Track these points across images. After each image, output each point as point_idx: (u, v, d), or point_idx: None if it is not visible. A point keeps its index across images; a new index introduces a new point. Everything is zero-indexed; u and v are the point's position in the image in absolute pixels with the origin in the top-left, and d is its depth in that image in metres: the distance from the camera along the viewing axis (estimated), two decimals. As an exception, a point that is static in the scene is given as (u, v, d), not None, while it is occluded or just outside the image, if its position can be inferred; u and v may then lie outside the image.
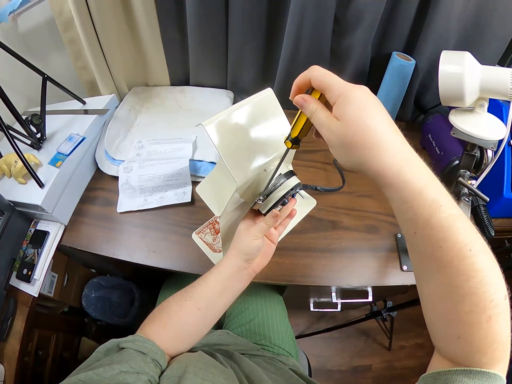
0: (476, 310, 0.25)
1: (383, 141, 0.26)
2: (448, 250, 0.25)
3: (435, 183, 0.27)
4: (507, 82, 0.49)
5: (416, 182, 0.26)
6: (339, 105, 0.27)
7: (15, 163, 0.59)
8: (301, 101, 0.30)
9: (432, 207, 0.25)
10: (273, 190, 0.41)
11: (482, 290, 0.24)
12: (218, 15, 0.71)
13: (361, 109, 0.26)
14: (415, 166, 0.27)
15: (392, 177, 0.26)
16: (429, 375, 0.28)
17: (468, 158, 0.57)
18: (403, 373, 1.21)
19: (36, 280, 0.59)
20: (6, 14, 0.62)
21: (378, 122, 0.26)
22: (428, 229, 0.26)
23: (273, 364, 0.55)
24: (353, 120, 0.26)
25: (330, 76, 0.28)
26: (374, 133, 0.26)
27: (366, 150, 0.26)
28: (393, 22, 0.71)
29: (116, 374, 0.32)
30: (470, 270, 0.25)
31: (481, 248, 0.25)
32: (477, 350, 0.25)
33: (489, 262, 0.25)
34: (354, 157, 0.27)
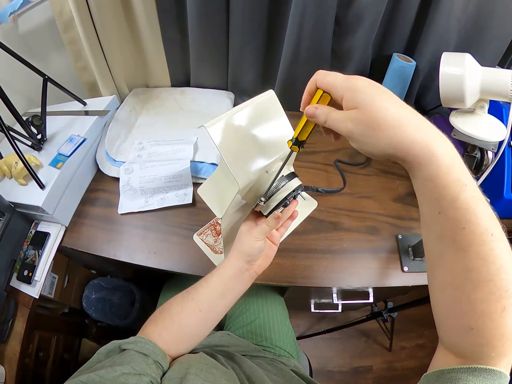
0: (491, 299, 0.24)
1: (404, 117, 0.26)
2: (470, 232, 0.24)
3: (460, 160, 0.26)
4: (507, 84, 0.49)
5: (444, 158, 0.25)
6: (348, 97, 0.27)
7: (15, 164, 0.59)
8: (313, 109, 0.30)
9: (458, 185, 0.25)
10: (275, 191, 0.41)
11: (499, 277, 0.24)
12: (219, 16, 0.71)
13: (371, 93, 0.26)
14: (440, 140, 0.26)
15: (421, 152, 0.25)
16: (432, 373, 0.28)
17: (469, 159, 0.57)
18: (403, 373, 1.21)
19: (36, 281, 0.59)
20: (7, 15, 0.62)
21: (391, 102, 0.26)
22: (453, 209, 0.25)
23: (274, 365, 0.55)
24: (368, 104, 0.26)
25: (331, 75, 0.29)
26: (392, 111, 0.26)
27: (390, 130, 0.26)
28: (394, 23, 0.71)
29: (118, 375, 0.32)
30: (490, 255, 0.24)
31: (501, 235, 0.25)
32: (486, 342, 0.25)
33: (507, 250, 0.25)
34: (381, 140, 0.26)
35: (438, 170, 0.25)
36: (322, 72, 0.30)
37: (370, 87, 0.27)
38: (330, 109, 0.30)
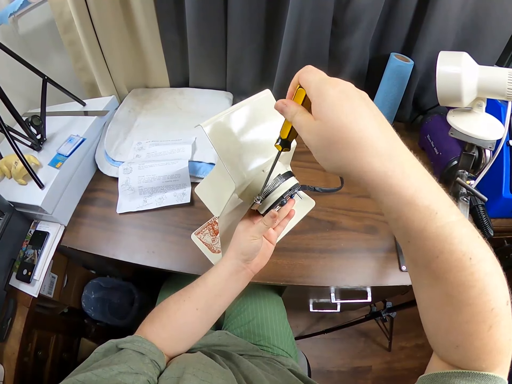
0: (475, 320, 0.23)
1: (364, 139, 0.23)
2: (445, 261, 0.23)
3: (429, 185, 0.23)
4: (504, 82, 0.49)
5: (405, 187, 0.22)
6: (314, 103, 0.26)
7: (15, 164, 0.59)
8: (281, 105, 0.29)
9: (426, 216, 0.22)
10: (271, 190, 0.41)
11: (482, 300, 0.23)
12: (217, 17, 0.72)
13: (336, 105, 0.24)
14: (404, 166, 0.23)
15: (377, 181, 0.23)
16: (426, 376, 0.28)
17: (467, 158, 0.57)
18: (403, 374, 1.21)
19: (36, 280, 0.59)
20: (7, 16, 0.63)
21: (357, 118, 0.23)
22: (422, 240, 0.23)
23: (272, 365, 0.55)
24: (329, 118, 0.24)
25: (311, 73, 0.27)
26: (353, 131, 0.23)
27: (345, 151, 0.24)
28: (391, 23, 0.71)
29: (115, 374, 0.32)
30: (470, 280, 0.22)
31: (482, 255, 0.23)
32: (476, 358, 0.24)
33: (490, 269, 0.23)
34: (335, 159, 0.25)
35: (399, 201, 0.23)
36: (308, 67, 0.28)
37: (341, 98, 0.24)
38: (298, 110, 0.28)
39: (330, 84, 0.25)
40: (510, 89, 0.49)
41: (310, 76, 0.27)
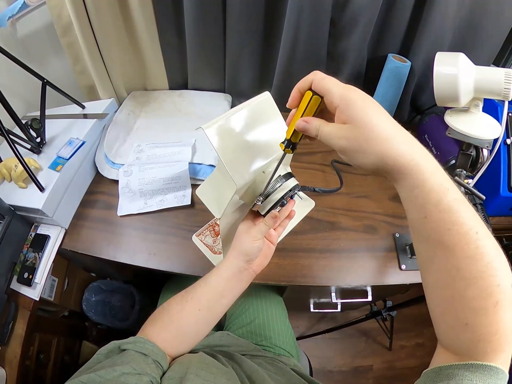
0: (482, 295, 0.25)
1: (392, 132, 0.27)
2: (455, 233, 0.26)
3: (440, 168, 0.28)
4: (501, 82, 0.50)
5: (427, 166, 0.27)
6: (343, 109, 0.28)
7: (15, 168, 0.59)
8: (303, 124, 0.31)
9: (441, 190, 0.26)
10: (272, 191, 0.41)
11: (488, 273, 0.25)
12: (216, 19, 0.72)
13: (367, 109, 0.28)
14: (423, 152, 0.28)
15: (408, 163, 0.27)
16: (431, 370, 0.29)
17: (464, 157, 0.58)
18: (404, 373, 1.21)
19: (37, 284, 0.59)
20: (5, 19, 0.63)
21: (383, 117, 0.28)
22: (437, 212, 0.26)
23: (275, 364, 0.55)
24: (362, 119, 0.27)
25: (330, 80, 0.29)
26: (384, 127, 0.27)
27: (381, 144, 0.27)
28: (389, 24, 0.72)
29: (118, 375, 0.32)
30: (477, 253, 0.25)
31: (486, 233, 0.26)
32: (481, 338, 0.26)
33: (494, 247, 0.26)
34: (372, 153, 0.28)
35: (423, 177, 0.27)
36: (320, 74, 0.30)
37: (365, 102, 0.28)
38: (321, 123, 0.30)
39: (350, 90, 0.29)
40: (506, 89, 0.50)
41: (329, 83, 0.29)
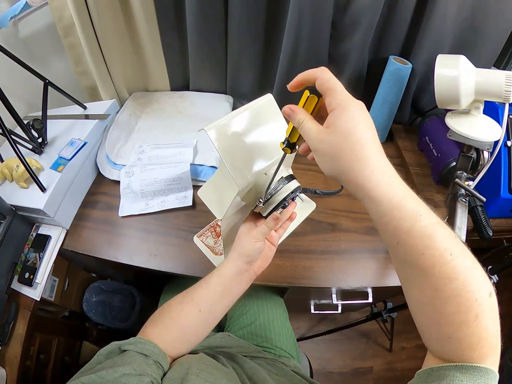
0: (462, 310, 0.26)
1: (368, 155, 0.27)
2: (430, 256, 0.26)
3: (412, 194, 0.28)
4: (501, 84, 0.50)
5: (396, 194, 0.27)
6: (335, 113, 0.28)
7: (16, 168, 0.59)
8: (289, 111, 0.31)
9: (412, 217, 0.26)
10: (274, 193, 0.41)
11: (465, 291, 0.25)
12: (217, 21, 0.72)
13: (355, 122, 0.27)
14: (393, 179, 0.28)
15: (372, 189, 0.27)
16: (423, 371, 0.29)
17: (465, 159, 0.58)
18: (404, 374, 1.21)
19: (37, 284, 0.59)
20: (7, 19, 0.63)
21: (367, 137, 0.28)
22: (410, 238, 0.27)
23: (275, 365, 0.55)
24: (345, 130, 0.27)
25: (336, 82, 0.29)
26: (362, 147, 0.27)
27: (351, 161, 0.27)
28: (390, 26, 0.72)
29: (118, 376, 0.32)
30: (453, 273, 0.26)
31: (461, 251, 0.26)
32: (466, 347, 0.26)
33: (469, 264, 0.26)
34: (338, 166, 0.28)
35: (391, 205, 0.27)
36: (327, 72, 0.29)
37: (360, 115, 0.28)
38: (306, 117, 0.30)
39: (354, 101, 0.29)
40: (507, 91, 0.50)
41: (336, 86, 0.29)
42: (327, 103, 0.29)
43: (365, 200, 0.28)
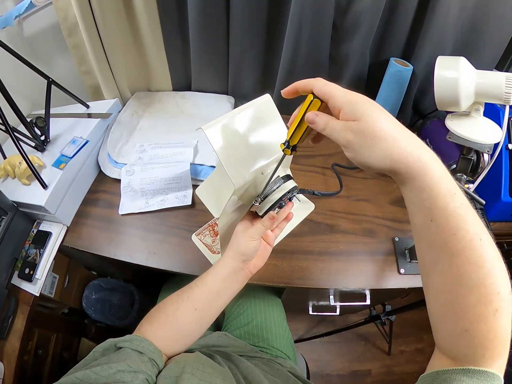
0: (483, 302, 0.25)
1: (399, 132, 0.27)
2: (460, 238, 0.26)
3: (448, 172, 0.28)
4: (502, 86, 0.50)
5: (436, 169, 0.27)
6: (347, 110, 0.28)
7: (19, 165, 0.60)
8: (313, 116, 0.31)
9: (449, 195, 0.26)
10: (270, 192, 0.42)
11: (490, 281, 0.25)
12: (219, 23, 0.73)
13: (371, 108, 0.28)
14: (431, 154, 0.27)
15: (416, 164, 0.27)
16: (428, 374, 0.29)
17: (465, 162, 0.57)
18: (402, 378, 1.20)
19: (37, 279, 0.60)
20: (12, 18, 0.64)
21: (388, 118, 0.28)
22: (444, 217, 0.26)
23: (271, 365, 0.55)
24: (370, 117, 0.27)
25: (332, 85, 0.30)
26: (390, 126, 0.27)
27: (388, 142, 0.27)
28: (391, 28, 0.72)
29: (113, 373, 0.32)
30: (480, 260, 0.25)
31: (489, 240, 0.26)
32: (480, 344, 0.26)
33: (496, 254, 0.26)
34: (378, 151, 0.27)
35: (432, 180, 0.26)
36: (322, 80, 0.30)
37: (369, 102, 0.28)
38: (329, 118, 0.30)
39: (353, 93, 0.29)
40: (507, 93, 0.50)
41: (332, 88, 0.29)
42: (332, 105, 0.29)
43: (407, 176, 0.27)
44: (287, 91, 0.33)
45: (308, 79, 0.31)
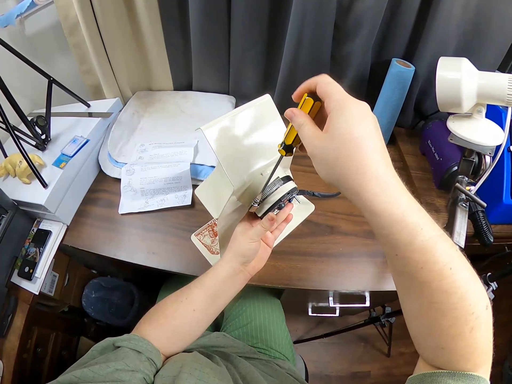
0: (458, 323, 0.25)
1: (368, 162, 0.25)
2: (429, 270, 0.25)
3: (416, 205, 0.26)
4: (504, 88, 0.50)
5: (398, 206, 0.25)
6: (331, 116, 0.27)
7: (19, 163, 0.60)
8: (290, 114, 0.31)
9: (414, 230, 0.25)
10: (269, 193, 0.41)
11: (462, 305, 0.25)
12: (221, 22, 0.73)
13: (353, 123, 0.26)
14: (396, 190, 0.26)
15: (371, 201, 0.25)
16: (415, 377, 0.29)
17: (466, 164, 0.57)
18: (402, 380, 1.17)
19: (37, 278, 0.60)
20: (14, 17, 0.64)
21: (366, 141, 0.25)
22: (410, 252, 0.25)
23: (269, 366, 0.55)
24: (342, 135, 0.26)
25: (333, 85, 0.28)
26: (360, 153, 0.25)
27: (349, 168, 0.25)
28: (393, 28, 0.72)
29: (111, 371, 0.32)
30: (451, 287, 0.25)
31: (461, 265, 0.26)
32: (460, 358, 0.26)
33: (468, 278, 0.26)
34: (336, 173, 0.26)
35: (391, 218, 0.25)
36: (327, 77, 0.29)
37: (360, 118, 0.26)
38: (306, 121, 0.29)
39: (353, 101, 0.27)
40: (510, 94, 0.49)
41: (332, 88, 0.28)
42: (326, 107, 0.28)
43: (364, 210, 0.26)
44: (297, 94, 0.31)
45: (314, 77, 0.30)
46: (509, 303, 1.26)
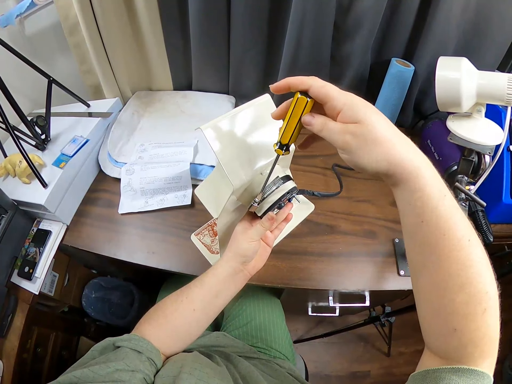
0: (472, 301, 0.26)
1: (395, 136, 0.28)
2: (450, 239, 0.26)
3: (438, 175, 0.29)
4: (504, 87, 0.50)
5: (428, 172, 0.28)
6: (347, 112, 0.29)
7: (19, 163, 0.60)
8: (310, 118, 0.31)
9: (439, 196, 0.27)
10: (269, 193, 0.41)
11: (478, 280, 0.26)
12: (220, 22, 0.73)
13: (370, 112, 0.28)
14: (423, 157, 0.29)
15: (410, 167, 0.27)
16: (418, 373, 0.29)
17: (466, 163, 0.57)
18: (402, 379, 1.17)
19: (37, 278, 0.60)
20: (13, 17, 0.64)
21: (385, 121, 0.29)
22: (434, 217, 0.27)
23: (269, 366, 0.55)
24: (369, 120, 0.28)
25: (330, 87, 0.29)
26: (388, 130, 0.28)
27: (387, 146, 0.28)
28: (393, 28, 0.72)
29: (111, 371, 0.32)
30: (468, 260, 0.26)
31: (477, 241, 0.27)
32: (469, 342, 0.27)
33: (483, 255, 0.27)
34: (375, 154, 0.28)
35: (424, 181, 0.27)
36: (319, 81, 0.30)
37: (368, 106, 0.29)
38: (326, 119, 0.30)
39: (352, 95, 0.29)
40: (509, 94, 0.49)
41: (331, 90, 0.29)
42: (330, 108, 0.29)
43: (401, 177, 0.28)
44: (278, 86, 0.32)
45: (303, 77, 0.31)
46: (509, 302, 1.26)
